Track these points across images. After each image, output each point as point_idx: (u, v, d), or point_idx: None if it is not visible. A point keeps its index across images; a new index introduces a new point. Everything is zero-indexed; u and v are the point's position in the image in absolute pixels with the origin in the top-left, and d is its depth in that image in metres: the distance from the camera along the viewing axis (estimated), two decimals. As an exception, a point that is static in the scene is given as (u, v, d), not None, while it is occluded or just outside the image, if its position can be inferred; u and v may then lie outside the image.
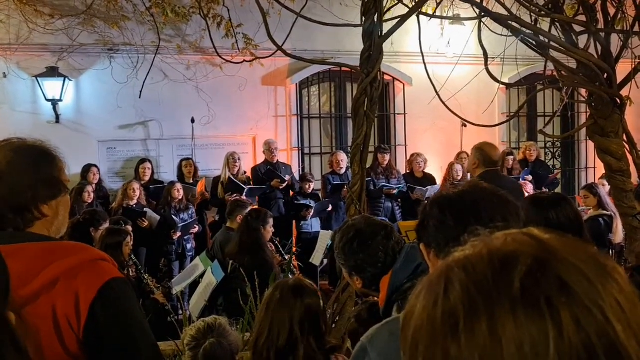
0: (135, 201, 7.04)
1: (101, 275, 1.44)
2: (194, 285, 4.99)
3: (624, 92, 4.55)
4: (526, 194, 6.57)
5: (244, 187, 7.33)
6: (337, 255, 2.13)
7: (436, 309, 0.62)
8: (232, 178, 7.49)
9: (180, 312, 4.74)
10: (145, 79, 7.83)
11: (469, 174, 8.39)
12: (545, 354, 0.55)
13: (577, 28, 4.59)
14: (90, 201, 6.84)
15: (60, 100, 7.64)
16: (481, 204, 1.36)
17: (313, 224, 7.64)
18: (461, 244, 0.68)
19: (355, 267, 2.06)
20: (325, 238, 6.22)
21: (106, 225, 5.21)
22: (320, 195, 8.10)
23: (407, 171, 8.48)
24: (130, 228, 5.43)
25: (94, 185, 7.20)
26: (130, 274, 4.80)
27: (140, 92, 7.84)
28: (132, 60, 7.92)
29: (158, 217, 6.99)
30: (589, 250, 0.64)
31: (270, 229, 5.18)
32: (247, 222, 5.12)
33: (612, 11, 4.66)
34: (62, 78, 7.57)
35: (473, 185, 1.45)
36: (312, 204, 7.60)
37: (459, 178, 7.85)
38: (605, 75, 4.41)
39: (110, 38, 7.83)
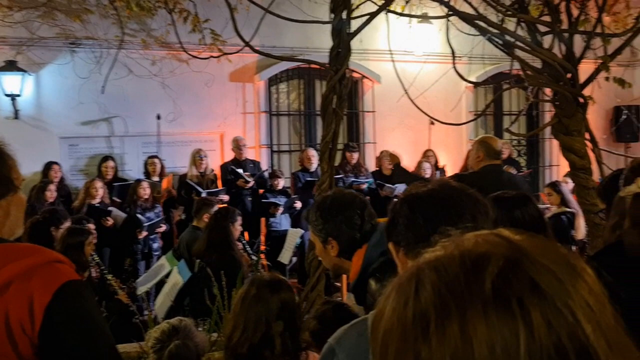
0: (98, 200, 6.88)
1: (57, 277, 1.39)
2: (160, 285, 4.91)
3: (586, 92, 4.65)
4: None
5: (201, 190, 7.23)
6: (313, 223, 2.14)
7: (407, 310, 0.61)
8: (188, 181, 7.39)
9: (146, 312, 4.65)
10: (108, 74, 7.66)
11: (438, 172, 8.48)
12: (516, 355, 0.55)
13: (542, 28, 4.66)
14: (52, 200, 6.66)
15: (19, 95, 7.41)
16: (450, 202, 1.36)
17: (282, 222, 7.60)
18: (431, 243, 0.67)
19: (333, 229, 2.09)
20: (294, 236, 6.19)
21: (67, 224, 5.07)
22: (290, 192, 8.07)
23: (376, 169, 8.50)
24: (92, 227, 5.30)
25: (56, 184, 7.02)
26: (93, 275, 4.68)
27: (103, 87, 7.66)
28: (95, 54, 7.74)
29: (124, 216, 6.86)
30: (559, 250, 0.64)
31: (238, 227, 5.13)
32: (215, 219, 5.06)
33: (575, 12, 4.74)
34: (21, 72, 7.34)
35: (442, 183, 1.45)
36: (281, 201, 7.56)
37: (427, 176, 7.90)
38: (569, 75, 4.49)
39: (72, 31, 7.63)
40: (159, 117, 7.93)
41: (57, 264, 1.43)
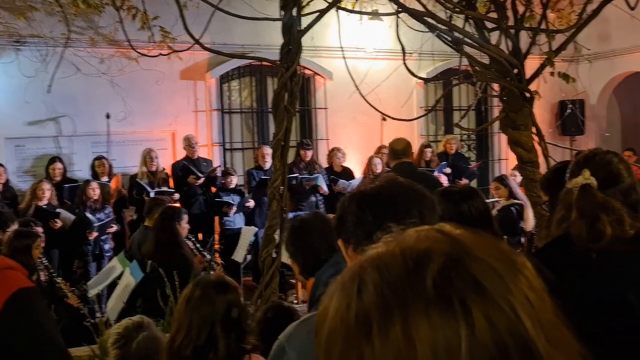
0: (45, 201, 6.69)
1: (8, 285, 1.37)
2: (112, 287, 4.82)
3: (532, 87, 4.77)
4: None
5: (149, 189, 7.12)
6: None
7: (349, 311, 0.60)
8: (138, 180, 7.27)
9: (98, 315, 4.55)
10: (55, 72, 7.45)
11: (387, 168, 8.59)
12: (457, 354, 0.55)
13: (489, 25, 4.76)
14: (-4, 203, 6.45)
15: (-39, 95, 7.15)
16: (398, 199, 1.38)
17: (236, 220, 7.56)
18: (374, 240, 0.67)
19: (292, 253, 2.36)
20: (248, 234, 6.18)
21: (14, 227, 4.93)
22: (244, 190, 8.02)
23: (327, 165, 8.55)
24: (40, 230, 5.15)
25: (0, 186, 6.79)
26: (42, 278, 4.56)
27: (49, 86, 7.45)
28: (41, 52, 7.51)
29: (73, 217, 6.69)
30: (500, 246, 0.64)
31: (185, 225, 5.07)
32: (161, 220, 4.99)
33: (521, 9, 4.87)
34: (-37, 71, 7.08)
35: (390, 180, 1.47)
36: (235, 200, 7.51)
37: (378, 171, 8.00)
38: (516, 71, 4.60)
39: (16, 29, 7.38)
40: (108, 116, 7.77)
41: (7, 270, 1.41)
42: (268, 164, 7.70)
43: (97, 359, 3.25)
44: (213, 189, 7.80)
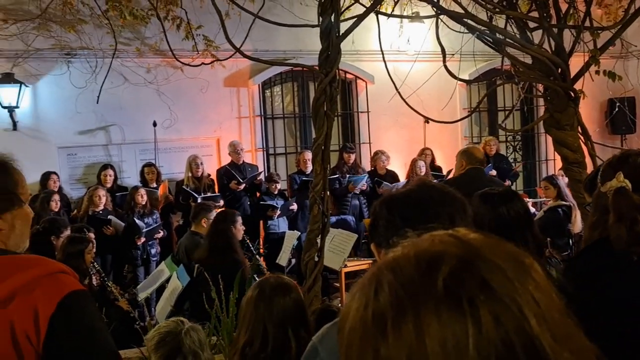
0: (101, 207, 6.94)
1: (60, 288, 1.43)
2: (160, 291, 4.94)
3: (577, 86, 4.67)
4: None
5: (195, 195, 7.27)
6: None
7: (367, 310, 0.64)
8: (184, 187, 7.43)
9: (147, 318, 4.69)
10: (103, 83, 7.71)
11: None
12: (465, 350, 0.58)
13: (531, 24, 4.69)
14: (57, 210, 6.72)
15: (17, 107, 7.45)
16: (427, 202, 1.39)
17: (280, 224, 7.64)
18: (392, 244, 0.70)
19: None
20: (291, 238, 6.24)
21: (67, 232, 5.12)
22: (287, 194, 8.11)
23: (371, 169, 8.55)
24: (92, 235, 5.34)
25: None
26: (94, 282, 4.73)
27: (98, 96, 7.71)
28: (91, 64, 7.78)
29: (123, 224, 6.91)
30: (508, 248, 0.67)
31: (240, 227, 5.13)
32: (215, 224, 5.07)
33: (564, 7, 4.78)
34: (18, 84, 7.39)
35: (420, 184, 1.48)
36: (279, 204, 7.59)
37: (422, 174, 7.95)
38: (559, 70, 4.52)
39: (67, 42, 7.68)
40: (155, 124, 7.97)
41: (60, 274, 1.46)
42: (310, 169, 7.76)
43: (146, 361, 3.35)
44: (257, 194, 7.91)
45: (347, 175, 8.07)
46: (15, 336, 1.37)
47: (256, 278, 4.33)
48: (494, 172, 8.13)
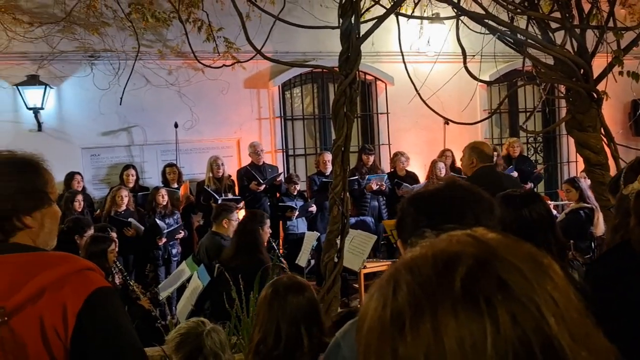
0: (123, 207, 7.03)
1: (87, 285, 1.46)
2: (181, 290, 4.99)
3: (600, 87, 4.62)
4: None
5: (217, 196, 7.32)
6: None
7: (385, 310, 0.65)
8: (206, 188, 7.48)
9: (168, 317, 4.74)
10: (126, 84, 7.81)
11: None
12: (483, 349, 0.58)
13: (553, 25, 4.65)
14: (80, 210, 6.82)
15: (42, 108, 7.59)
16: (453, 202, 1.39)
17: (299, 224, 7.66)
18: (413, 243, 0.71)
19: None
20: (311, 239, 6.25)
21: (90, 232, 5.20)
22: (306, 195, 8.13)
23: (390, 170, 8.53)
24: (115, 235, 5.41)
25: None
26: (116, 281, 4.79)
27: (121, 98, 7.81)
28: (114, 66, 7.89)
29: (142, 228, 6.99)
30: (526, 248, 0.67)
31: (267, 230, 5.18)
32: (243, 223, 5.12)
33: (586, 7, 4.73)
34: (43, 86, 7.52)
35: (449, 183, 1.48)
36: (298, 204, 7.62)
37: (442, 175, 7.92)
38: (582, 71, 4.47)
39: (91, 44, 7.80)
40: (176, 126, 8.04)
41: (87, 271, 1.50)
42: (329, 170, 7.77)
43: (167, 359, 3.39)
44: (277, 194, 7.95)
45: (367, 177, 8.07)
46: (44, 331, 1.41)
47: (276, 279, 4.36)
48: (515, 174, 8.06)
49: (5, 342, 1.33)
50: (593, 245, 6.01)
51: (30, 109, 7.55)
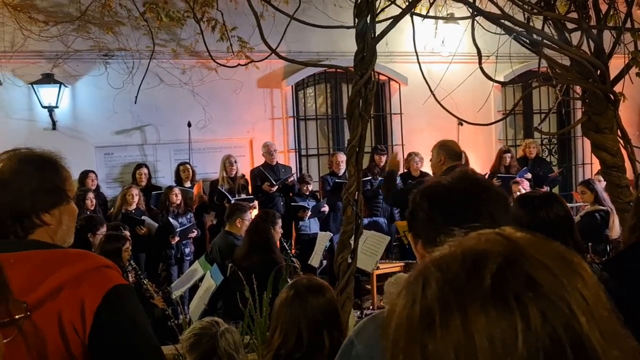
0: (134, 206, 7.05)
1: (105, 282, 1.47)
2: (194, 289, 5.00)
3: (617, 88, 4.57)
4: (520, 192, 6.68)
5: (230, 196, 7.33)
6: None
7: (414, 307, 0.65)
8: (219, 187, 7.50)
9: (180, 316, 4.75)
10: (141, 83, 7.84)
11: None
12: (513, 347, 0.59)
13: (570, 25, 4.61)
14: (92, 208, 6.85)
15: (57, 106, 7.64)
16: (469, 199, 1.36)
17: (311, 225, 7.66)
18: (440, 242, 0.71)
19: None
20: (323, 239, 6.25)
21: (103, 230, 5.22)
22: (319, 196, 8.12)
23: (404, 170, 8.50)
24: (128, 234, 5.43)
25: (93, 192, 7.21)
26: (130, 279, 4.81)
27: (136, 97, 7.85)
28: (128, 65, 7.93)
29: (156, 225, 7.01)
30: (555, 247, 0.67)
31: (279, 230, 5.20)
32: (256, 223, 5.14)
33: (603, 7, 4.68)
34: (58, 84, 7.57)
35: (462, 177, 1.44)
36: (310, 205, 7.61)
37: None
38: (599, 72, 4.43)
39: (105, 44, 7.84)
40: (189, 125, 8.07)
41: (105, 269, 1.51)
42: (342, 170, 7.77)
43: (181, 358, 3.39)
44: (290, 195, 7.94)
45: (379, 178, 8.04)
46: (62, 327, 1.42)
47: (288, 280, 4.35)
48: (529, 176, 8.01)
49: (28, 336, 1.34)
50: (608, 248, 5.95)
51: (45, 107, 7.61)
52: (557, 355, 0.59)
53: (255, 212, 6.80)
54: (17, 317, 1.00)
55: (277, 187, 7.66)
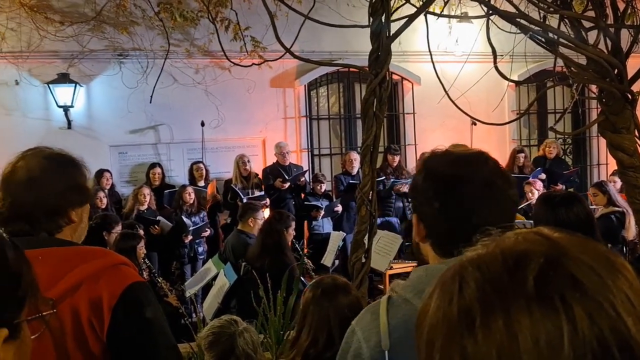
0: (145, 206, 7.09)
1: (123, 279, 1.48)
2: (207, 288, 5.02)
3: (635, 87, 4.52)
4: (532, 193, 6.63)
5: (242, 195, 7.35)
6: None
7: (451, 307, 0.63)
8: (233, 186, 7.51)
9: (194, 314, 4.77)
10: (156, 83, 7.88)
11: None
12: (560, 348, 0.57)
13: (587, 24, 4.56)
14: (103, 206, 6.90)
15: (72, 106, 7.70)
16: (479, 201, 1.33)
17: (324, 224, 7.65)
18: (471, 242, 0.70)
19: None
20: (336, 239, 6.24)
21: (118, 228, 5.25)
22: (332, 195, 8.11)
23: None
24: (142, 232, 5.46)
25: (106, 191, 7.26)
26: (144, 277, 4.83)
27: (151, 96, 7.89)
28: (142, 65, 7.97)
29: (170, 225, 7.04)
30: (598, 247, 0.66)
31: (292, 232, 5.21)
32: (269, 223, 5.15)
33: (621, 6, 4.63)
34: (73, 84, 7.63)
35: (475, 157, 1.40)
36: (323, 204, 7.60)
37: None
38: (616, 71, 4.38)
39: (120, 43, 7.89)
40: (202, 124, 8.10)
41: (123, 266, 1.53)
42: (355, 170, 7.75)
43: (196, 356, 3.40)
44: (302, 194, 7.94)
45: (392, 178, 8.02)
46: (80, 323, 1.43)
47: (302, 279, 4.35)
48: (543, 176, 7.94)
49: (55, 332, 1.35)
50: (625, 249, 5.89)
51: (60, 106, 7.67)
52: (605, 358, 0.57)
53: (267, 211, 6.80)
54: (44, 313, 1.00)
55: (289, 184, 7.66)
